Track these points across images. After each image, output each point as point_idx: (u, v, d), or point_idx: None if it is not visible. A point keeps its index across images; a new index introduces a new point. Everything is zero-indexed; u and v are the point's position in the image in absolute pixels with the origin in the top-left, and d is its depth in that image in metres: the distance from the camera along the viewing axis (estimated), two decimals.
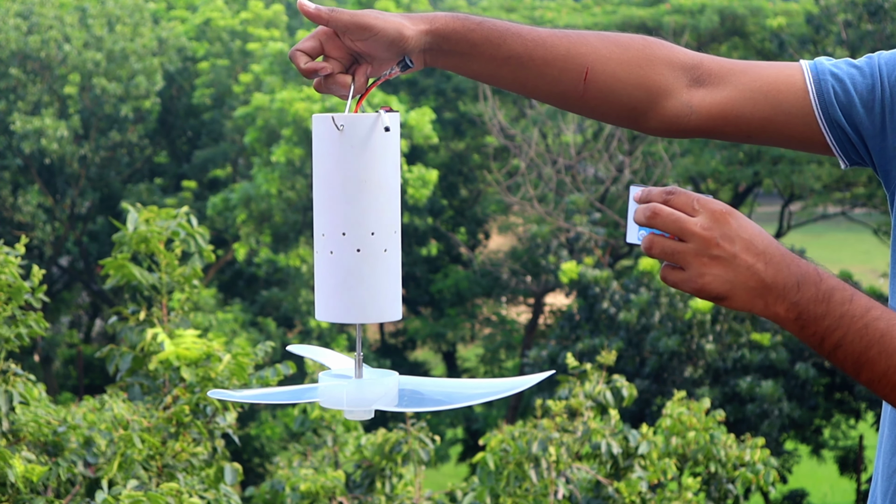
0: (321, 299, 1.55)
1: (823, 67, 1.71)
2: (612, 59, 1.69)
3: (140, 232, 3.97)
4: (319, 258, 1.55)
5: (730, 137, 1.77)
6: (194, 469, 3.80)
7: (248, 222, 17.78)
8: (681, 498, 5.24)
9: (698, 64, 1.73)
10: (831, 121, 1.70)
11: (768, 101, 1.71)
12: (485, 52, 1.65)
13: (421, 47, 1.61)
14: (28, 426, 3.70)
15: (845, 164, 1.75)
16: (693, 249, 1.40)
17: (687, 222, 1.40)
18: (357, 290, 1.53)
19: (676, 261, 1.41)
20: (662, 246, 1.41)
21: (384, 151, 1.53)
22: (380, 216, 1.53)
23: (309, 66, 1.59)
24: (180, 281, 4.03)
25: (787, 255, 1.44)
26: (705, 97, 1.72)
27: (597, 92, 1.70)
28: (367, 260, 1.52)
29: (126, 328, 4.03)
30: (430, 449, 5.11)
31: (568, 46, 1.68)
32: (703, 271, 1.40)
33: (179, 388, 3.84)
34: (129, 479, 3.53)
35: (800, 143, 1.75)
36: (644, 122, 1.74)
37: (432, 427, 15.67)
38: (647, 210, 1.42)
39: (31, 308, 3.75)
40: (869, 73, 1.70)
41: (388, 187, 1.53)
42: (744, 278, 1.40)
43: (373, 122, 1.52)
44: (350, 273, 1.52)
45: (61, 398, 16.59)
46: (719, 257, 1.40)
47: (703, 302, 12.96)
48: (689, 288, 1.42)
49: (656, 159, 17.21)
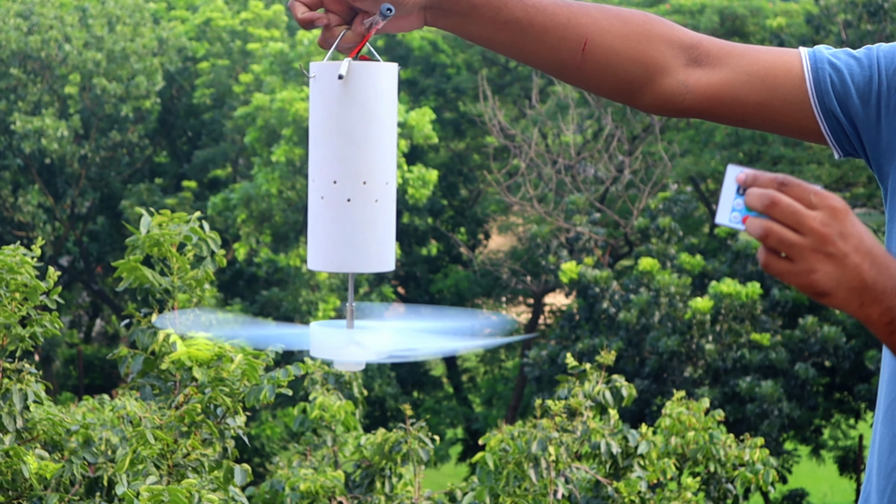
0: (313, 249, 1.55)
1: (822, 56, 1.71)
2: (612, 31, 1.69)
3: (153, 235, 4.00)
4: (311, 205, 1.55)
5: (724, 119, 1.76)
6: (204, 470, 3.82)
7: (248, 222, 17.79)
8: (680, 498, 5.24)
9: (697, 44, 1.72)
10: (826, 109, 1.70)
11: (765, 85, 1.71)
12: (485, 15, 1.65)
13: (422, 4, 1.61)
14: (41, 424, 3.74)
15: (839, 154, 1.75)
16: (810, 244, 1.37)
17: (806, 216, 1.37)
18: (348, 240, 1.52)
19: (790, 253, 1.37)
20: (781, 236, 1.36)
21: (379, 102, 1.52)
22: (371, 166, 1.52)
23: (306, 15, 1.58)
24: (192, 285, 4.07)
25: (889, 258, 1.41)
26: (701, 77, 1.72)
27: (594, 63, 1.69)
28: (358, 209, 1.52)
29: (137, 330, 4.06)
30: (429, 449, 5.12)
31: (568, 15, 1.67)
32: (816, 267, 1.37)
33: (191, 387, 3.87)
34: (140, 477, 3.56)
35: (794, 130, 1.75)
36: (639, 98, 1.74)
37: (432, 427, 15.67)
38: (764, 198, 1.38)
39: (45, 308, 3.78)
40: (867, 65, 1.70)
41: (381, 138, 1.53)
42: (849, 277, 1.38)
43: (369, 71, 1.52)
44: (340, 222, 1.52)
45: (61, 398, 16.60)
46: (833, 255, 1.37)
47: (703, 302, 12.96)
48: (796, 281, 1.39)
49: (656, 159, 17.21)
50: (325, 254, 1.54)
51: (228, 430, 3.89)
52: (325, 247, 1.54)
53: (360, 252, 1.52)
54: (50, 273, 3.73)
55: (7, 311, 3.62)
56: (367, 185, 1.52)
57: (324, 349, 1.53)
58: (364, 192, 1.52)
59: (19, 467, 3.46)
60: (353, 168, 1.52)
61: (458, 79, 20.21)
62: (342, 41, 1.59)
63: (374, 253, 1.53)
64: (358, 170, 1.52)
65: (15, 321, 3.63)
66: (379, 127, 1.53)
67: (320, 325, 1.55)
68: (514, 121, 19.13)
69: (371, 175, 1.52)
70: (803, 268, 1.38)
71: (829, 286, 1.38)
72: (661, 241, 14.56)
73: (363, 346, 1.52)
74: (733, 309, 13.17)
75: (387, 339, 1.54)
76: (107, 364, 17.97)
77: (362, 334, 1.53)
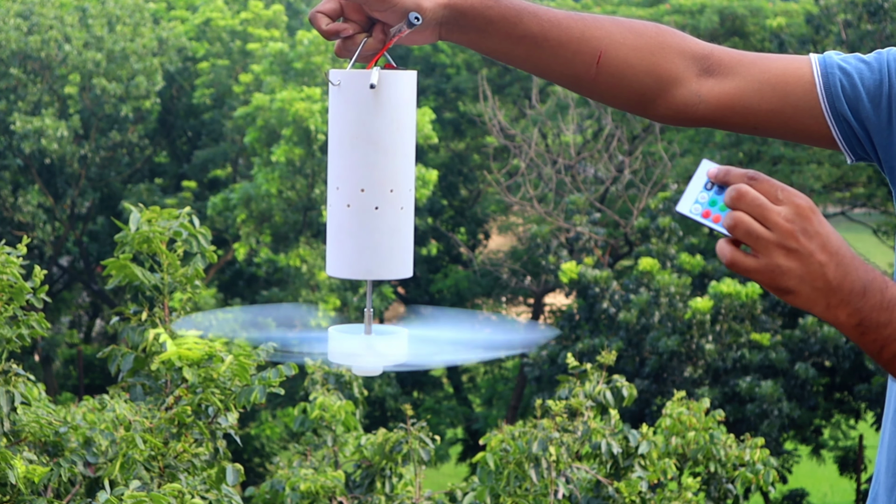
0: (335, 256, 1.55)
1: (832, 61, 1.72)
2: (626, 44, 1.70)
3: (142, 232, 3.96)
4: (334, 212, 1.54)
5: (737, 128, 1.77)
6: (196, 470, 3.80)
7: (248, 222, 17.78)
8: (680, 498, 5.24)
9: (709, 54, 1.74)
10: (838, 115, 1.70)
11: (776, 93, 1.71)
12: (500, 30, 1.66)
13: (437, 20, 1.62)
14: (29, 426, 3.70)
15: (851, 159, 1.75)
16: (774, 239, 1.38)
17: (770, 210, 1.38)
18: (374, 248, 1.52)
19: (755, 246, 1.38)
20: (748, 227, 1.38)
21: (405, 109, 1.53)
22: (398, 174, 1.53)
23: (331, 27, 1.59)
24: (182, 281, 4.03)
25: (857, 260, 1.42)
26: (714, 87, 1.73)
27: (608, 76, 1.71)
28: (385, 217, 1.52)
29: (128, 328, 4.02)
30: (430, 449, 5.12)
31: (583, 29, 1.69)
32: (779, 262, 1.38)
33: (181, 388, 3.84)
34: (130, 480, 3.53)
35: (806, 137, 1.75)
36: (653, 109, 1.75)
37: (432, 427, 15.67)
38: (731, 191, 1.39)
39: (32, 308, 3.75)
40: (877, 69, 1.70)
41: (406, 145, 1.54)
42: (813, 277, 1.39)
43: (396, 78, 1.53)
44: (367, 230, 1.52)
45: (61, 398, 16.60)
46: (796, 251, 1.38)
47: (703, 302, 12.96)
48: (760, 277, 1.40)
49: (656, 159, 17.21)
50: (350, 261, 1.54)
51: (220, 430, 3.87)
52: (349, 254, 1.53)
53: (385, 259, 1.53)
54: (36, 272, 3.70)
55: None
56: (394, 193, 1.53)
57: (342, 354, 1.53)
58: (391, 199, 1.53)
59: (6, 471, 3.42)
60: (381, 176, 1.52)
61: (457, 79, 20.21)
62: (363, 49, 1.60)
63: (398, 260, 1.54)
64: (386, 178, 1.52)
65: (1, 322, 3.60)
66: (405, 134, 1.54)
67: (339, 329, 1.56)
68: (514, 121, 19.12)
69: (397, 183, 1.53)
70: (767, 262, 1.39)
71: (791, 283, 1.39)
72: (661, 241, 14.55)
73: (381, 353, 1.53)
74: (733, 309, 13.17)
75: (404, 345, 1.54)
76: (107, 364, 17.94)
77: (381, 341, 1.53)
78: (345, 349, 1.53)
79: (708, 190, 1.44)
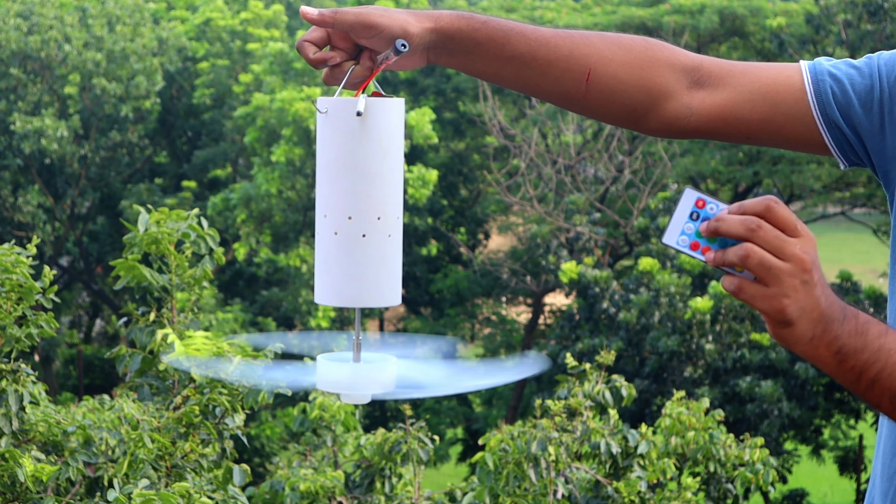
0: (323, 284, 1.55)
1: (822, 68, 1.71)
2: (615, 60, 1.70)
3: (151, 233, 3.96)
4: (322, 240, 1.54)
5: (729, 138, 1.77)
6: (203, 470, 3.80)
7: (248, 222, 17.79)
8: (680, 498, 5.24)
9: (698, 66, 1.73)
10: (829, 121, 1.70)
11: (767, 102, 1.71)
12: (489, 52, 1.66)
13: (425, 45, 1.62)
14: (38, 426, 3.71)
15: (844, 164, 1.75)
16: (789, 270, 1.37)
17: (789, 242, 1.37)
18: (361, 275, 1.53)
19: (768, 277, 1.37)
20: (762, 259, 1.36)
21: (392, 137, 1.53)
22: (385, 201, 1.53)
23: (318, 56, 1.59)
24: (190, 283, 4.04)
25: (830, 289, 1.42)
26: (705, 99, 1.73)
27: (598, 93, 1.71)
28: (373, 245, 1.52)
29: (136, 329, 4.03)
30: (429, 449, 5.11)
31: (571, 47, 1.68)
32: (789, 293, 1.37)
33: (189, 388, 3.84)
34: (138, 479, 3.54)
35: (799, 144, 1.75)
36: (644, 124, 1.75)
37: (432, 427, 15.68)
38: (749, 222, 1.37)
39: (41, 308, 3.76)
40: (868, 74, 1.70)
41: (394, 172, 1.54)
42: (812, 307, 1.39)
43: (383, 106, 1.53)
44: (355, 258, 1.52)
45: (61, 398, 16.59)
46: (807, 283, 1.37)
47: (703, 302, 12.96)
48: (767, 305, 1.38)
49: (656, 159, 17.22)
50: (338, 289, 1.54)
51: (227, 431, 3.88)
52: (337, 282, 1.54)
53: (372, 287, 1.53)
54: (45, 272, 3.71)
55: (2, 311, 3.60)
56: (382, 221, 1.52)
57: (330, 383, 1.54)
58: (378, 227, 1.52)
59: (15, 470, 3.43)
60: (368, 203, 1.52)
61: (457, 79, 20.21)
62: (351, 77, 1.60)
63: (386, 288, 1.54)
64: (373, 205, 1.52)
65: (10, 322, 3.61)
66: (392, 162, 1.53)
67: (327, 357, 1.56)
68: (514, 121, 19.13)
69: (385, 210, 1.53)
70: (776, 292, 1.38)
71: (795, 314, 1.39)
72: (661, 241, 14.55)
73: (369, 381, 1.54)
74: (733, 309, 13.17)
75: (392, 373, 1.55)
76: (107, 364, 17.96)
77: (369, 369, 1.54)
78: (333, 378, 1.54)
79: (694, 221, 1.42)
